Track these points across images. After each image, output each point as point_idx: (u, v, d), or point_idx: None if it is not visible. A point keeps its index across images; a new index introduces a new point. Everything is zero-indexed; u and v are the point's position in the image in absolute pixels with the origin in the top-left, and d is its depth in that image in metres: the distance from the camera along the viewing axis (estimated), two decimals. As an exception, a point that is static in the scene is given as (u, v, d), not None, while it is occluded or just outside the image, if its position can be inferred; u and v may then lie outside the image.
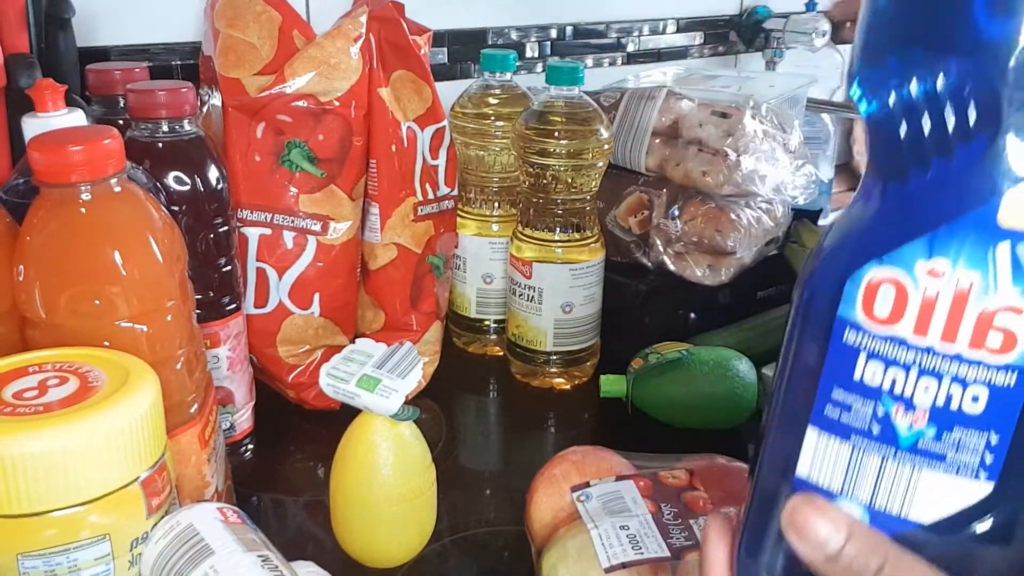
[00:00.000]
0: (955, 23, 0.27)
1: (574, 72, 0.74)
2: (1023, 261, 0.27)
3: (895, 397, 0.29)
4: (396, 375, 0.52)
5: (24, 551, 0.37)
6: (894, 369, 0.29)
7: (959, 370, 0.28)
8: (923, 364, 0.29)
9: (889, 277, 0.29)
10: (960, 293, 0.28)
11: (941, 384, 0.29)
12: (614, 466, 0.55)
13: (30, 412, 0.37)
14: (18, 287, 0.44)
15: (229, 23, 0.69)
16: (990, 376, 0.28)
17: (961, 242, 0.28)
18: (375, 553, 0.55)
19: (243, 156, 0.68)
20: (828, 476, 0.31)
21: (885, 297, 0.29)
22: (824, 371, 0.30)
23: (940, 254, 0.28)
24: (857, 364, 0.30)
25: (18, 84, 0.56)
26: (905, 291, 0.29)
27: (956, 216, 0.28)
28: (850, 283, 0.29)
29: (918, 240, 0.28)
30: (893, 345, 0.29)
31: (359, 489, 0.53)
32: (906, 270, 0.29)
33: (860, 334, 0.29)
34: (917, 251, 0.28)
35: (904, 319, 0.29)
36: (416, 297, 0.79)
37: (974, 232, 0.28)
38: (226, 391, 0.66)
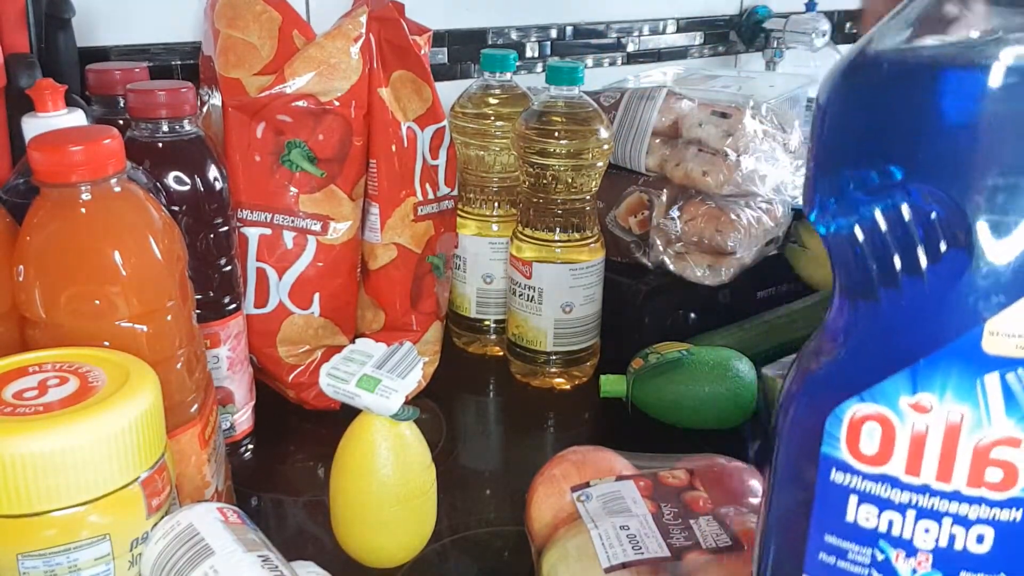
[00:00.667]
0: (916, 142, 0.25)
1: (574, 72, 0.74)
2: (1014, 389, 0.26)
3: (894, 541, 0.27)
4: (396, 375, 0.52)
5: (24, 551, 0.37)
6: (889, 511, 0.27)
7: (959, 509, 0.27)
8: (920, 504, 0.27)
9: (873, 414, 0.27)
10: (951, 428, 0.26)
11: (942, 525, 0.27)
12: (614, 466, 0.55)
13: (30, 412, 0.37)
14: (18, 287, 0.44)
15: (229, 23, 0.69)
16: (994, 513, 0.26)
17: (946, 374, 0.26)
18: (375, 553, 0.55)
19: (243, 156, 0.68)
20: None
21: (871, 435, 0.27)
22: (814, 515, 0.28)
23: (925, 388, 0.26)
24: (848, 506, 0.28)
25: (18, 84, 0.56)
26: (892, 428, 0.27)
27: (938, 346, 0.26)
28: (832, 420, 0.28)
29: (900, 374, 0.26)
30: (885, 485, 0.27)
31: (359, 489, 0.53)
32: (890, 406, 0.27)
33: (848, 474, 0.28)
34: (900, 385, 0.26)
35: (894, 457, 0.27)
36: (416, 297, 0.79)
37: (959, 363, 0.26)
38: (226, 391, 0.66)
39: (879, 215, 0.26)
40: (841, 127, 0.27)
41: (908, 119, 0.26)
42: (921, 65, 0.26)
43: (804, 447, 0.28)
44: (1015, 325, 0.25)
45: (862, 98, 0.27)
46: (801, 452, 0.28)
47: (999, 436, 0.26)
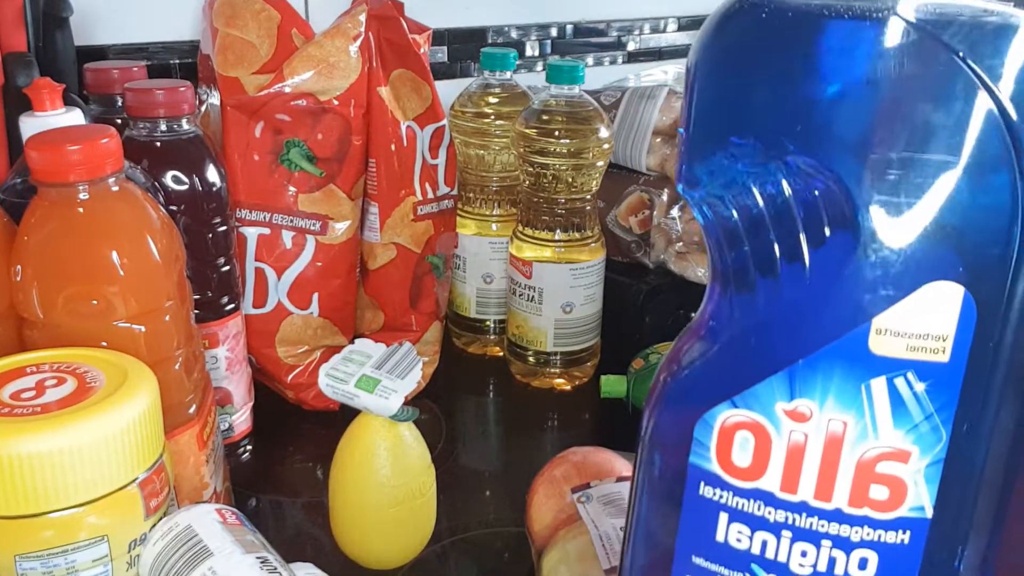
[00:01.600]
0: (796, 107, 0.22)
1: (574, 71, 0.73)
2: (904, 396, 0.22)
3: (767, 565, 0.24)
4: (395, 376, 0.52)
5: (22, 552, 0.36)
6: (763, 531, 0.24)
7: (840, 530, 0.23)
8: (797, 524, 0.24)
9: (746, 421, 0.24)
10: (832, 439, 0.23)
11: (820, 548, 0.24)
12: (615, 467, 0.55)
13: (28, 413, 0.37)
14: (16, 287, 0.44)
15: (227, 22, 0.68)
16: (878, 535, 0.23)
17: (828, 378, 0.23)
18: (374, 555, 0.55)
19: (242, 155, 0.68)
20: None
21: (744, 445, 0.24)
22: (681, 533, 0.25)
23: (804, 394, 0.23)
24: (719, 524, 0.24)
25: (16, 83, 0.56)
26: (767, 437, 0.23)
27: (819, 345, 0.22)
28: (701, 427, 0.24)
29: (776, 376, 0.23)
30: (759, 503, 0.24)
31: (358, 490, 0.53)
32: (765, 413, 0.23)
33: (719, 489, 0.24)
34: (776, 390, 0.23)
35: (769, 471, 0.24)
36: (416, 297, 0.78)
37: (842, 365, 0.22)
38: (225, 391, 0.65)
39: (755, 191, 0.23)
40: (712, 88, 0.24)
41: (788, 79, 0.22)
42: (804, 14, 0.22)
43: (671, 456, 0.25)
44: (906, 322, 0.22)
45: (736, 53, 0.23)
46: (667, 462, 0.25)
47: (885, 449, 0.23)
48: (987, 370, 0.23)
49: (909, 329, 0.22)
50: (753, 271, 0.24)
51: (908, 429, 0.23)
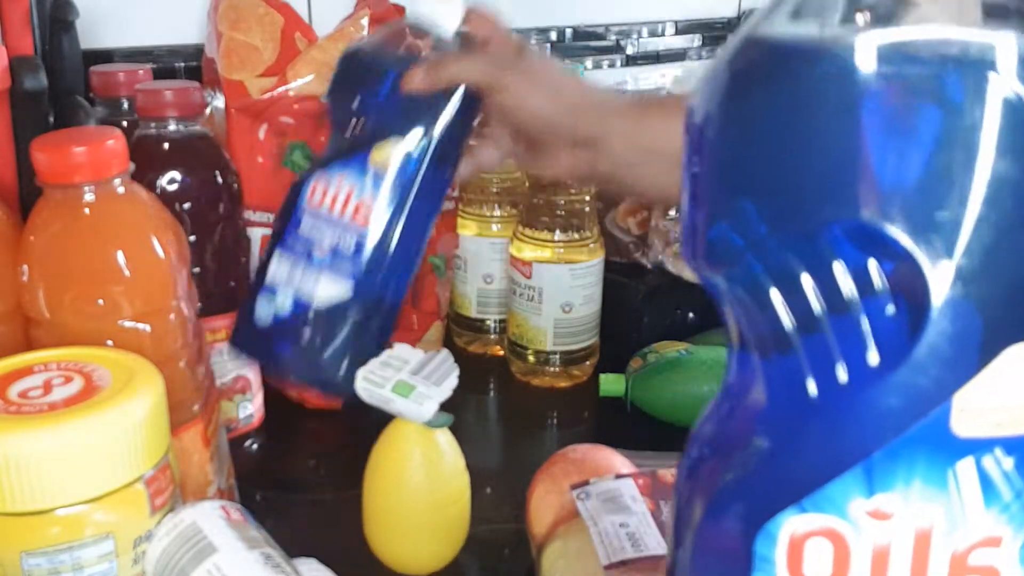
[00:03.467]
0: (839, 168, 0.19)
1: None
2: (992, 476, 0.20)
3: None
4: (431, 382, 0.52)
5: (28, 549, 0.37)
6: None
7: None
8: None
9: (818, 528, 0.21)
10: (921, 535, 0.20)
11: None
12: (613, 464, 0.56)
13: (35, 411, 0.38)
14: (22, 287, 0.45)
15: (232, 25, 0.69)
16: None
17: (910, 466, 0.20)
18: (407, 560, 0.55)
19: (246, 157, 0.69)
20: None
21: (819, 555, 0.21)
22: None
23: (884, 488, 0.20)
24: None
25: (23, 86, 0.56)
26: (845, 543, 0.21)
27: (897, 433, 0.20)
28: (762, 541, 0.21)
29: (850, 472, 0.20)
30: None
31: (391, 495, 0.53)
32: (839, 515, 0.21)
33: None
34: (851, 488, 0.20)
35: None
36: (417, 297, 0.79)
37: (925, 450, 0.20)
38: (245, 379, 0.66)
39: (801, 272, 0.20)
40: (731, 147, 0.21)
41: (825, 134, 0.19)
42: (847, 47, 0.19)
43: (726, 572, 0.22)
44: (988, 396, 0.20)
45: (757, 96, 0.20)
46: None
47: (979, 537, 0.21)
48: None
49: (993, 403, 0.20)
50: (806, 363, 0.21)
51: (999, 511, 0.21)
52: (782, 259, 0.20)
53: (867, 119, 0.19)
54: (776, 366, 0.21)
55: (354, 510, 0.56)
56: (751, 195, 0.20)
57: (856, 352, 0.20)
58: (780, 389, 0.21)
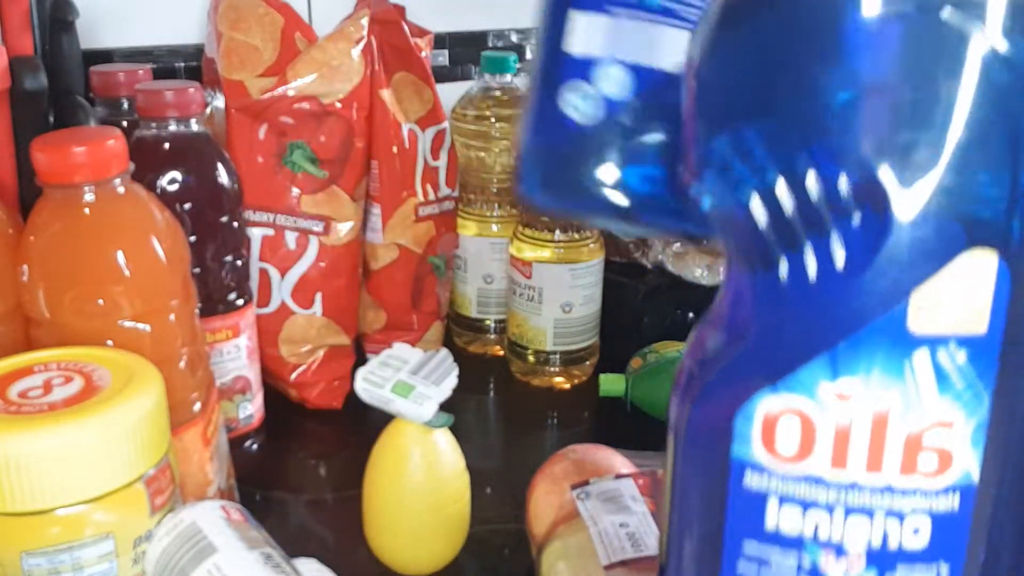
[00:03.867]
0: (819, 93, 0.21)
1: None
2: (945, 367, 0.23)
3: (822, 544, 0.25)
4: (431, 382, 0.52)
5: (28, 549, 0.37)
6: (815, 511, 0.24)
7: (892, 503, 0.24)
8: (849, 502, 0.24)
9: (789, 407, 0.24)
10: (879, 415, 0.23)
11: (874, 521, 0.24)
12: (613, 464, 0.56)
13: (35, 411, 0.38)
14: (22, 287, 0.45)
15: (232, 25, 0.69)
16: (930, 504, 0.24)
17: (871, 356, 0.23)
18: (406, 560, 0.55)
19: (246, 157, 0.69)
20: None
21: (788, 430, 0.24)
22: (728, 524, 0.25)
23: (847, 373, 0.23)
24: (767, 511, 0.25)
25: (22, 86, 0.56)
26: (811, 421, 0.24)
27: (858, 326, 0.23)
28: (741, 419, 0.24)
29: (818, 359, 0.23)
30: (809, 485, 0.24)
31: (391, 495, 0.53)
32: (808, 396, 0.24)
33: (766, 476, 0.25)
34: (818, 372, 0.23)
35: (816, 453, 0.24)
36: (417, 297, 0.79)
37: (885, 342, 0.23)
38: (245, 379, 0.66)
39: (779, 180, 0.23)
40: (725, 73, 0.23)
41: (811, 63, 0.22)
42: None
43: (710, 451, 0.25)
44: (944, 296, 0.22)
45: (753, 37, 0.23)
46: (707, 456, 0.25)
47: (932, 420, 0.23)
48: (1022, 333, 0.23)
49: (948, 301, 0.23)
50: (781, 261, 0.24)
51: (953, 398, 0.23)
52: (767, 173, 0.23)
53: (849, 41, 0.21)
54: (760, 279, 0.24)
55: (354, 510, 0.56)
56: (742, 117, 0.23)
57: (826, 258, 0.23)
58: (762, 294, 0.24)
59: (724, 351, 0.25)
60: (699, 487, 0.26)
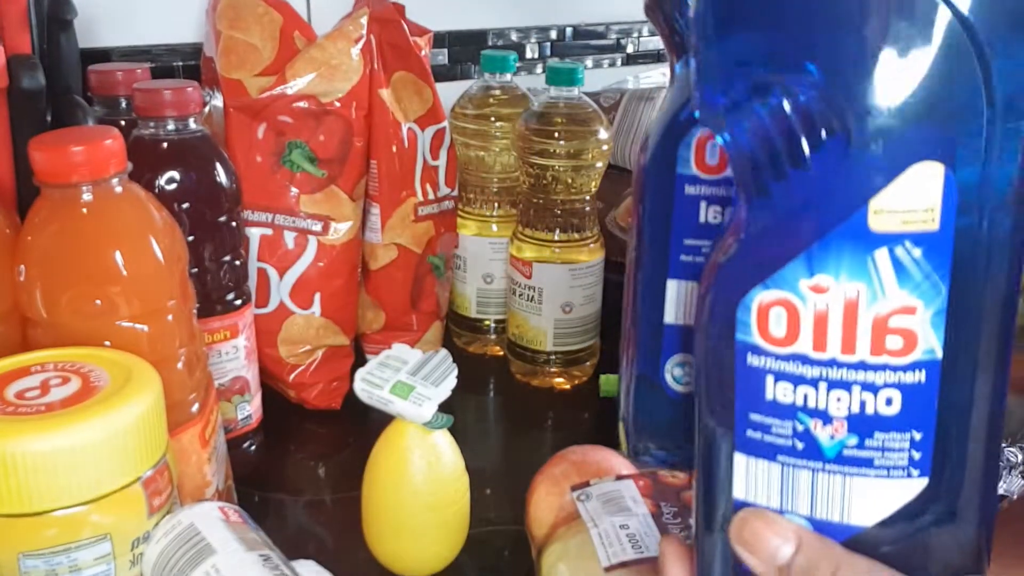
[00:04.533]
0: (794, 43, 0.27)
1: (574, 73, 0.74)
2: (904, 262, 0.27)
3: (811, 412, 0.29)
4: (430, 383, 0.52)
5: (25, 550, 0.37)
6: (803, 386, 0.29)
7: (866, 377, 0.28)
8: (830, 377, 0.29)
9: (777, 299, 0.29)
10: (850, 304, 0.28)
11: (852, 393, 0.29)
12: (614, 465, 0.55)
13: (32, 412, 0.37)
14: (20, 287, 0.44)
15: (230, 24, 0.69)
16: (898, 377, 0.28)
17: (839, 255, 0.28)
18: (406, 562, 0.55)
19: (244, 157, 0.69)
20: (764, 496, 0.31)
21: (778, 318, 0.29)
22: (738, 396, 0.30)
23: (821, 270, 0.28)
24: (766, 386, 0.30)
25: (20, 85, 0.56)
26: (796, 310, 0.29)
27: (828, 230, 0.28)
28: (741, 309, 0.30)
29: (796, 260, 0.28)
30: (796, 363, 0.29)
31: (390, 497, 0.53)
32: (791, 291, 0.29)
33: (762, 357, 0.30)
34: (798, 270, 0.28)
35: (801, 337, 0.29)
36: (416, 297, 0.79)
37: (850, 243, 0.28)
38: (244, 380, 0.66)
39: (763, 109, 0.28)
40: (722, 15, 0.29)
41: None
42: None
43: (721, 336, 0.30)
44: (896, 201, 0.27)
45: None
46: (719, 341, 0.30)
47: (895, 306, 0.28)
48: (973, 233, 0.27)
49: (900, 206, 0.27)
50: (767, 179, 0.29)
51: (911, 288, 0.28)
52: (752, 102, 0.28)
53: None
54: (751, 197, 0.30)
55: (353, 512, 0.56)
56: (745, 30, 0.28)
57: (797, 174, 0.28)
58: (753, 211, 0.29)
59: (727, 259, 0.30)
60: (716, 367, 0.31)
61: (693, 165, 0.33)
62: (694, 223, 0.34)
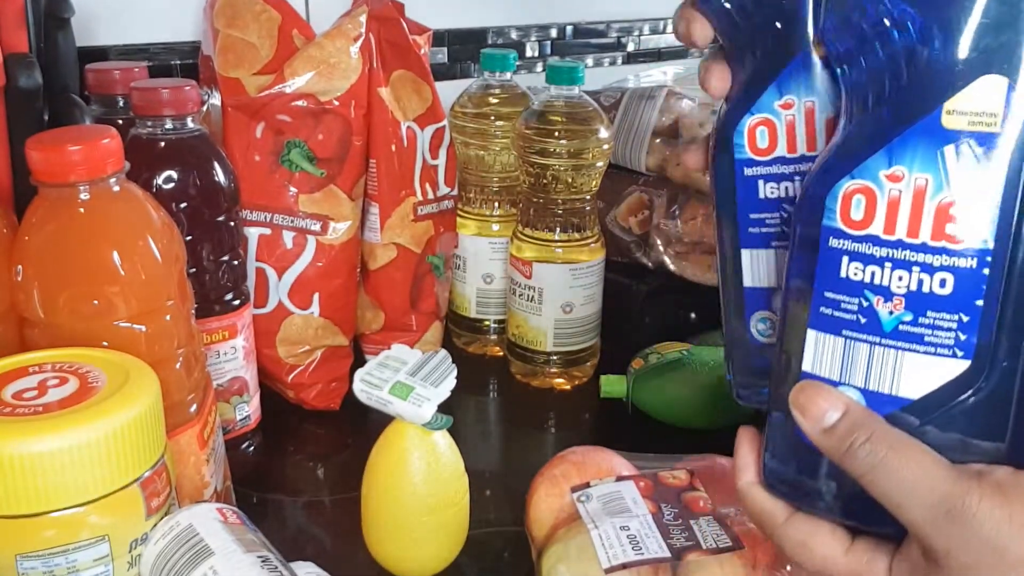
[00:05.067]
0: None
1: (574, 72, 0.74)
2: (967, 157, 0.32)
3: (875, 289, 0.34)
4: (429, 383, 0.52)
5: (23, 552, 0.37)
6: (871, 265, 0.34)
7: (925, 259, 0.33)
8: (894, 257, 0.33)
9: (859, 187, 0.33)
10: (918, 192, 0.32)
11: (912, 273, 0.33)
12: (614, 466, 0.55)
13: (30, 412, 0.37)
14: (17, 287, 0.44)
15: (228, 23, 0.69)
16: (953, 261, 0.32)
17: (915, 148, 0.32)
18: (405, 563, 0.55)
19: (243, 156, 0.68)
20: (827, 368, 0.35)
21: (858, 204, 0.33)
22: (816, 276, 0.35)
23: (898, 162, 0.33)
24: (841, 265, 0.34)
25: (17, 84, 0.56)
26: (874, 197, 0.33)
27: (908, 126, 0.32)
28: (830, 198, 0.34)
29: (879, 152, 0.33)
30: (868, 244, 0.34)
31: (390, 497, 0.53)
32: (871, 180, 0.33)
33: (841, 239, 0.34)
34: (879, 162, 0.33)
35: (875, 221, 0.33)
36: (416, 297, 0.79)
37: (924, 138, 0.32)
38: (242, 380, 0.65)
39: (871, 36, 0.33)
40: None
41: None
42: None
43: (812, 222, 0.35)
44: (968, 104, 0.32)
45: None
46: (809, 227, 0.35)
47: (956, 197, 0.32)
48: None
49: (971, 109, 0.32)
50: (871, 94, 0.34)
51: (971, 181, 0.32)
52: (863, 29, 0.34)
53: None
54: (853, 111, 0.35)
55: (352, 513, 0.56)
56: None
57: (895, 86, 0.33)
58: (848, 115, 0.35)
59: (823, 160, 0.35)
60: (804, 248, 0.35)
61: (748, 150, 0.38)
62: (755, 199, 0.39)
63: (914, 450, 0.33)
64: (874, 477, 0.33)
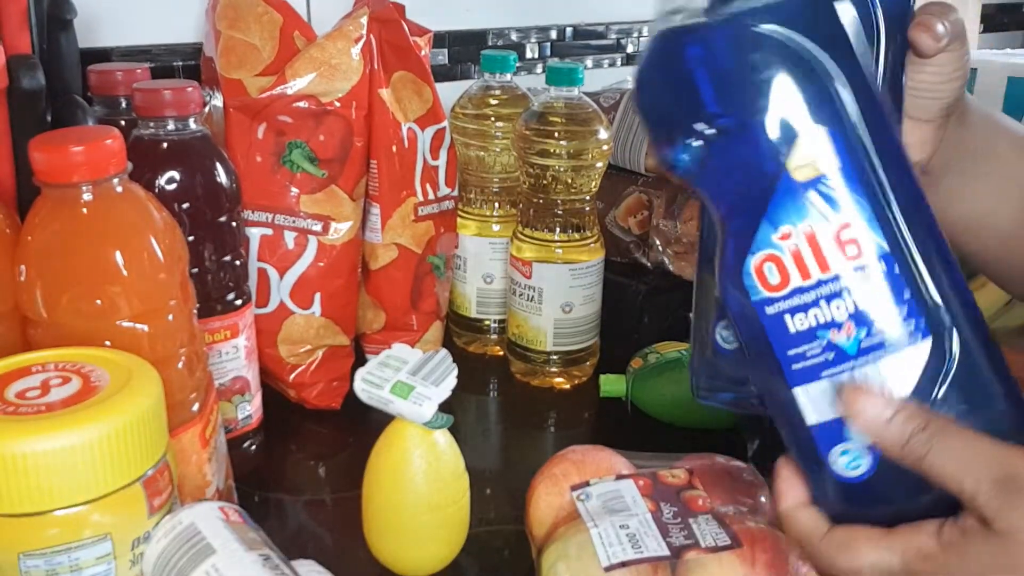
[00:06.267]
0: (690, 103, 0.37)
1: (574, 73, 0.74)
2: (830, 195, 0.36)
3: (825, 326, 0.37)
4: (430, 383, 0.52)
5: (26, 550, 0.37)
6: (811, 309, 0.37)
7: (846, 282, 0.36)
8: (823, 293, 0.36)
9: (764, 257, 0.37)
10: (810, 237, 0.36)
11: (843, 297, 0.36)
12: (614, 465, 0.55)
13: (33, 412, 0.38)
14: (20, 287, 0.44)
15: (230, 24, 0.69)
16: (868, 273, 0.36)
17: (786, 207, 0.36)
18: (406, 561, 0.55)
19: (244, 156, 0.69)
20: (828, 411, 0.37)
21: (771, 270, 0.37)
22: (773, 344, 0.37)
23: (781, 223, 0.36)
24: (787, 323, 0.37)
25: (20, 85, 0.56)
26: (779, 258, 0.37)
27: (771, 194, 0.36)
28: (745, 277, 0.37)
29: (762, 224, 0.37)
30: (797, 296, 0.37)
31: (390, 496, 0.53)
32: (769, 248, 0.37)
33: (775, 304, 0.37)
34: (766, 232, 0.37)
35: (791, 275, 0.37)
36: (416, 297, 0.79)
37: (788, 197, 0.36)
38: (244, 380, 0.65)
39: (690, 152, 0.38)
40: (652, 97, 0.39)
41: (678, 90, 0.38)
42: None
43: (743, 306, 0.38)
44: (803, 158, 0.36)
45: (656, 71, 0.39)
46: (744, 310, 0.38)
47: (839, 224, 0.36)
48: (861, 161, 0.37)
49: (805, 161, 0.36)
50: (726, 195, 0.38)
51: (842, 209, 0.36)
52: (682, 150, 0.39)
53: None
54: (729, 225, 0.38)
55: (353, 511, 0.56)
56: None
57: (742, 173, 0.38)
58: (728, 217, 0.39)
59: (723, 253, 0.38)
60: (749, 331, 0.38)
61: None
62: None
63: (964, 432, 0.35)
64: (933, 460, 0.35)
